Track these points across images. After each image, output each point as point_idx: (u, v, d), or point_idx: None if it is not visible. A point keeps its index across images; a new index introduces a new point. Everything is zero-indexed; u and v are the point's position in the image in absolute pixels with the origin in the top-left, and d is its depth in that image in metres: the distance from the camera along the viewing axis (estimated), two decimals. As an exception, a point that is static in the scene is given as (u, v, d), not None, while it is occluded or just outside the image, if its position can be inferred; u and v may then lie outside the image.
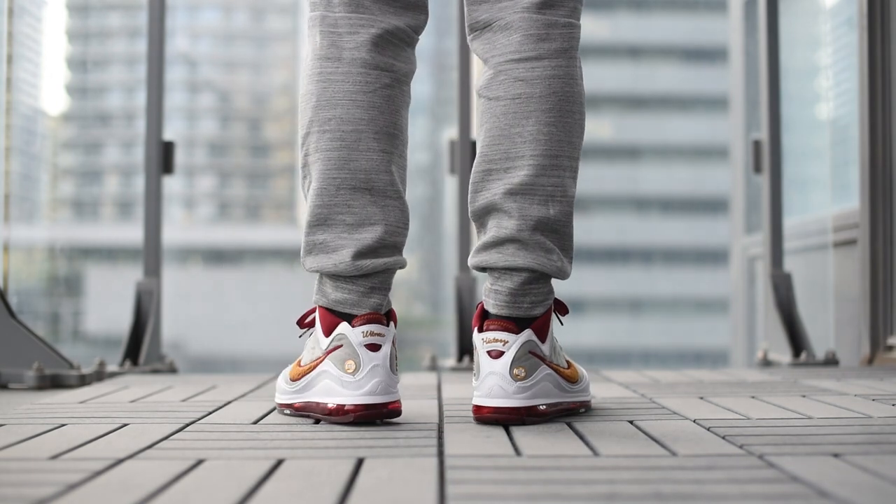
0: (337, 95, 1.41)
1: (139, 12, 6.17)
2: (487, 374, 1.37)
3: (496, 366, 1.36)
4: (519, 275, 1.39)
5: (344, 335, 1.37)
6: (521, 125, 1.39)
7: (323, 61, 1.42)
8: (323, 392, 1.39)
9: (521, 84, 1.39)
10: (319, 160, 1.41)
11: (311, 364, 1.42)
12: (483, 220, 1.43)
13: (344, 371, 1.36)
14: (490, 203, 1.41)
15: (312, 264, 1.42)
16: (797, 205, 3.83)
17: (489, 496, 0.90)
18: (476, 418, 1.39)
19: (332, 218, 1.40)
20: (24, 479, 1.01)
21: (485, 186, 1.41)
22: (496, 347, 1.37)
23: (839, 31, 3.44)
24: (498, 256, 1.40)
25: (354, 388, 1.35)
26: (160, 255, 2.76)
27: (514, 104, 1.40)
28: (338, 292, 1.40)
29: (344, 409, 1.35)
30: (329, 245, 1.40)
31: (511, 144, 1.39)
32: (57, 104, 31.32)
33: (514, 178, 1.39)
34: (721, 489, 0.93)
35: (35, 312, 6.94)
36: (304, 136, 1.44)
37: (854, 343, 2.85)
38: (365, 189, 1.40)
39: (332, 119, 1.40)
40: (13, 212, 2.77)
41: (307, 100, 1.43)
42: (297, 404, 1.45)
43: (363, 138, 1.40)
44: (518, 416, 1.36)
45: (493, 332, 1.38)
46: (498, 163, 1.40)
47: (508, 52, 1.41)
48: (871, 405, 1.57)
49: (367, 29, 1.42)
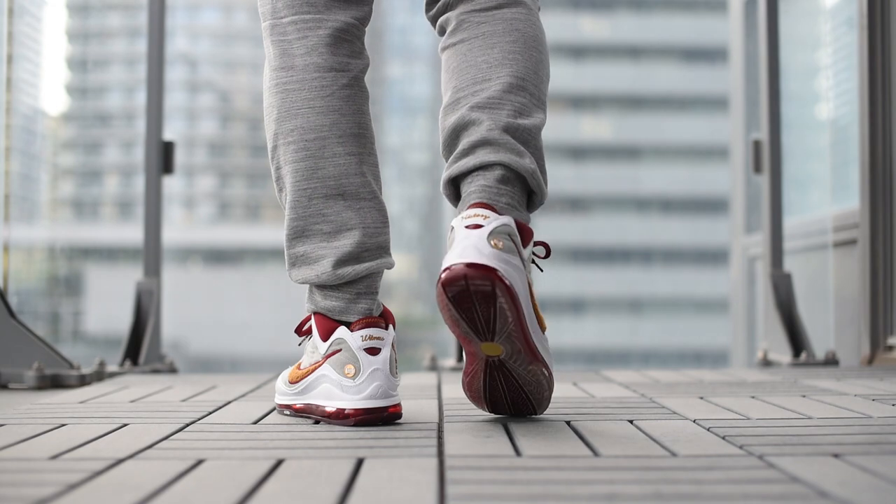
0: (296, 104, 1.40)
1: (139, 12, 6.15)
2: (461, 241, 1.28)
3: (472, 235, 1.28)
4: (491, 171, 1.35)
5: (343, 339, 1.37)
6: (487, 53, 1.40)
7: (278, 71, 1.42)
8: (323, 395, 1.39)
9: (485, 25, 1.41)
10: (289, 172, 1.41)
11: (311, 367, 1.43)
12: (453, 143, 1.40)
13: (343, 375, 1.36)
14: (459, 120, 1.38)
15: (298, 276, 1.43)
16: (797, 205, 3.83)
17: (489, 496, 0.90)
18: (443, 283, 1.26)
19: (309, 229, 1.40)
20: (24, 479, 1.01)
21: (453, 110, 1.40)
22: (476, 221, 1.30)
23: (839, 31, 3.44)
24: (469, 160, 1.36)
25: (354, 392, 1.35)
26: (160, 255, 2.77)
27: (478, 41, 1.41)
28: (327, 300, 1.41)
29: (344, 412, 1.36)
30: (310, 256, 1.41)
31: (477, 71, 1.39)
32: (57, 104, 31.30)
33: (483, 94, 1.38)
34: (721, 489, 0.93)
35: (35, 312, 6.94)
36: (273, 150, 1.44)
37: (854, 343, 2.85)
38: (337, 195, 1.39)
39: (294, 130, 1.40)
40: (13, 212, 2.77)
41: (269, 113, 1.43)
42: (297, 406, 1.46)
43: (328, 144, 1.39)
44: (488, 278, 1.24)
45: (474, 209, 1.32)
46: (466, 89, 1.40)
47: (469, 6, 1.43)
48: (871, 405, 1.57)
49: (316, 31, 1.41)
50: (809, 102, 4.13)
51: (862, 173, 2.76)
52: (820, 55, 3.87)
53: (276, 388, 1.53)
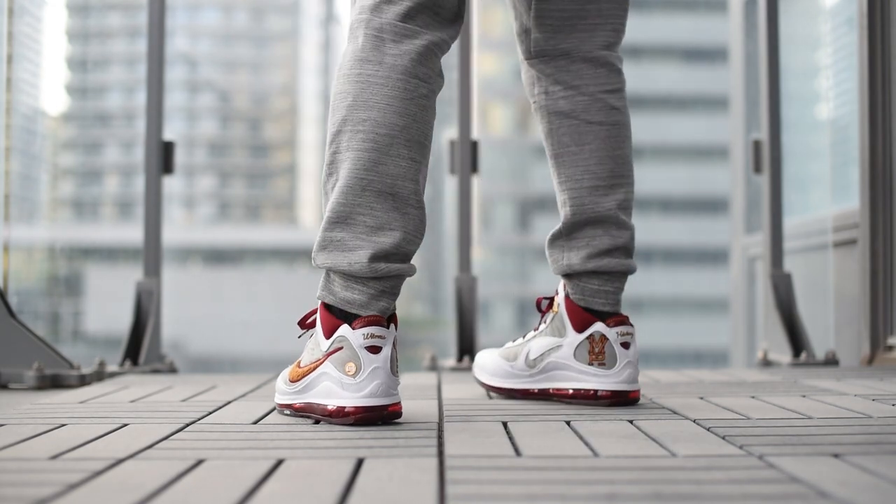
0: (374, 97, 1.41)
1: (139, 12, 6.16)
2: (626, 363, 1.59)
3: (630, 355, 1.60)
4: (625, 277, 1.65)
5: (344, 337, 1.37)
6: (621, 148, 1.64)
7: (363, 63, 1.42)
8: (323, 394, 1.39)
9: (616, 113, 1.64)
10: (349, 159, 1.41)
11: (311, 365, 1.42)
12: (582, 228, 1.64)
13: (344, 373, 1.36)
14: (601, 215, 1.63)
15: (325, 260, 1.42)
16: (797, 205, 3.83)
17: (489, 496, 0.90)
18: (612, 402, 1.58)
19: (353, 217, 1.40)
20: (24, 479, 1.01)
21: (592, 200, 1.63)
22: (627, 339, 1.60)
23: (839, 31, 3.44)
24: (616, 262, 1.63)
25: (355, 390, 1.36)
26: (160, 255, 2.76)
27: (613, 129, 1.63)
28: (347, 292, 1.41)
29: (344, 410, 1.36)
30: (346, 244, 1.40)
31: (614, 165, 1.63)
32: (57, 104, 31.32)
33: (619, 195, 1.64)
34: (721, 489, 0.93)
35: (35, 312, 6.95)
36: (335, 135, 1.43)
37: (854, 343, 2.85)
38: (389, 194, 1.40)
39: (366, 120, 1.40)
40: (13, 212, 2.77)
41: (342, 98, 1.43)
42: (298, 405, 1.46)
43: (395, 144, 1.41)
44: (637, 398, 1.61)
45: (626, 326, 1.61)
46: (604, 181, 1.63)
47: (601, 83, 1.64)
48: (871, 405, 1.57)
49: (413, 40, 1.44)
50: (809, 102, 4.13)
51: (862, 173, 2.75)
52: (820, 55, 3.87)
53: (276, 387, 1.53)
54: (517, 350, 1.70)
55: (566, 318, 1.63)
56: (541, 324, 1.69)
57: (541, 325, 1.69)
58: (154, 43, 2.77)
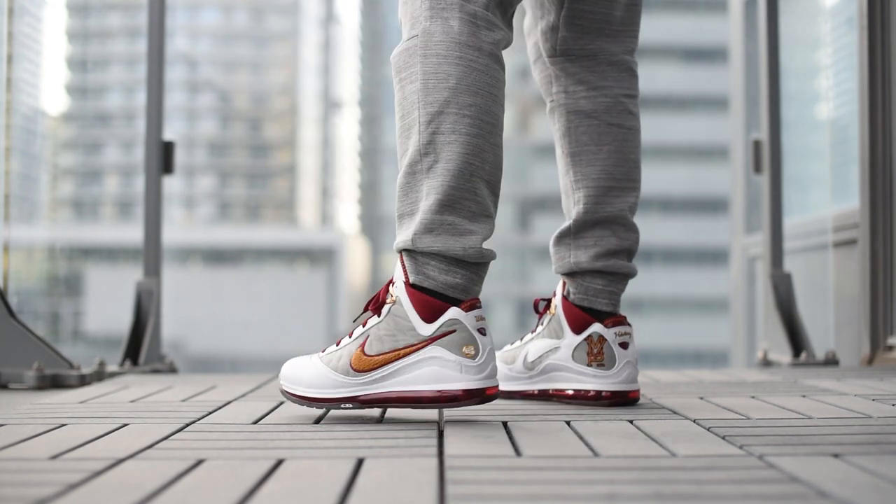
0: (478, 84, 1.42)
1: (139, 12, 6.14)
2: (625, 364, 1.60)
3: (629, 354, 1.61)
4: (627, 280, 1.66)
5: (458, 320, 1.37)
6: (634, 153, 1.68)
7: (464, 47, 1.42)
8: (428, 379, 1.36)
9: (633, 118, 1.68)
10: (456, 142, 1.40)
11: (402, 351, 1.38)
12: (592, 228, 1.65)
13: (463, 355, 1.36)
14: (613, 215, 1.65)
15: (433, 243, 1.39)
16: (797, 205, 3.83)
17: (489, 496, 0.90)
18: (612, 402, 1.58)
19: (460, 203, 1.40)
20: (24, 479, 1.01)
21: (606, 200, 1.65)
22: (626, 340, 1.61)
23: (839, 31, 3.44)
24: (622, 264, 1.65)
25: (475, 371, 1.37)
26: (160, 255, 2.76)
27: (630, 133, 1.67)
28: (450, 276, 1.40)
29: (469, 392, 1.36)
30: (457, 228, 1.40)
31: (629, 168, 1.67)
32: (57, 104, 31.32)
33: (631, 198, 1.67)
34: (721, 489, 0.93)
35: (35, 312, 6.95)
36: (436, 114, 1.41)
37: (854, 343, 2.85)
38: (487, 182, 1.42)
39: (472, 105, 1.41)
40: (13, 212, 2.77)
41: (443, 79, 1.41)
42: (368, 395, 1.40)
43: (494, 132, 1.43)
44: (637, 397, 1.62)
45: (624, 326, 1.62)
46: (619, 182, 1.66)
47: (624, 87, 1.68)
48: (871, 405, 1.57)
49: (497, 32, 1.46)
50: (809, 102, 4.13)
51: (862, 173, 2.76)
52: (820, 55, 3.87)
53: (309, 380, 1.43)
54: (515, 353, 1.70)
55: (563, 320, 1.63)
56: (538, 325, 1.69)
57: (538, 327, 1.69)
58: (154, 43, 2.77)
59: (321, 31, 48.49)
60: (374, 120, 50.67)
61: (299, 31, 47.41)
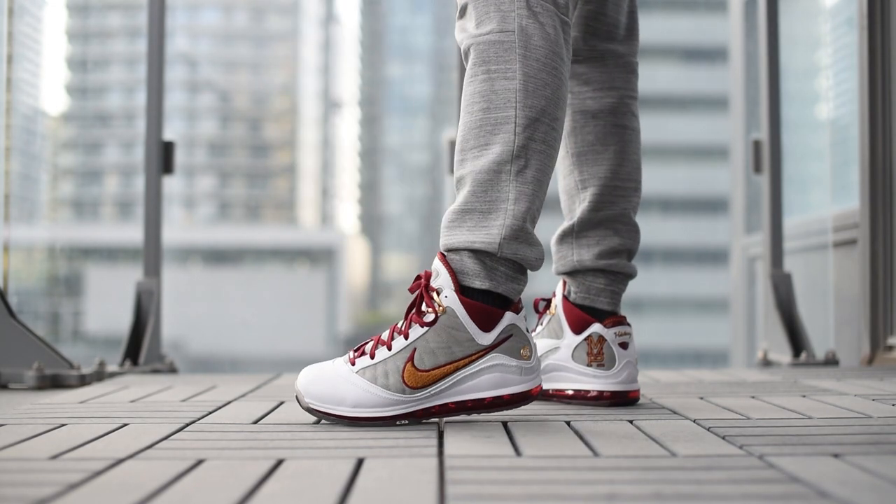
0: (563, 99, 1.44)
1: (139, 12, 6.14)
2: (625, 364, 1.60)
3: (629, 354, 1.62)
4: (628, 280, 1.67)
5: (515, 325, 1.39)
6: (637, 153, 1.70)
7: (556, 58, 1.42)
8: (489, 385, 1.37)
9: (635, 119, 1.70)
10: (545, 153, 1.41)
11: (461, 361, 1.36)
12: (596, 227, 1.66)
13: (521, 358, 1.39)
14: (616, 215, 1.66)
15: (517, 250, 1.39)
16: (797, 205, 3.83)
17: (489, 496, 0.90)
18: (613, 402, 1.58)
19: (537, 214, 1.44)
20: (24, 479, 1.01)
21: (611, 200, 1.67)
22: (626, 339, 1.62)
23: (839, 31, 3.44)
24: (624, 263, 1.66)
25: (531, 372, 1.40)
26: (160, 255, 2.76)
27: (633, 134, 1.69)
28: (516, 283, 1.41)
29: (529, 394, 1.39)
30: (532, 238, 1.42)
31: (632, 169, 1.68)
32: (57, 104, 31.32)
33: (634, 198, 1.68)
34: (721, 489, 0.93)
35: (35, 312, 6.95)
36: (533, 121, 1.39)
37: (854, 343, 2.85)
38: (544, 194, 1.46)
39: (558, 121, 1.43)
40: (13, 212, 2.77)
41: (541, 86, 1.40)
42: (427, 410, 1.37)
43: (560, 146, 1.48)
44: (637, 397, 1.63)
45: (624, 326, 1.62)
46: (623, 182, 1.67)
47: (629, 89, 1.70)
48: (871, 405, 1.57)
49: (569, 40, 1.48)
50: (809, 102, 4.13)
51: (862, 173, 2.76)
52: (820, 55, 3.87)
53: (357, 401, 1.36)
54: None
55: (563, 320, 1.64)
56: (537, 326, 1.70)
57: (538, 328, 1.69)
58: (154, 43, 2.77)
59: (321, 31, 48.49)
60: (374, 120, 50.67)
61: (299, 31, 47.41)
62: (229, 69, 46.71)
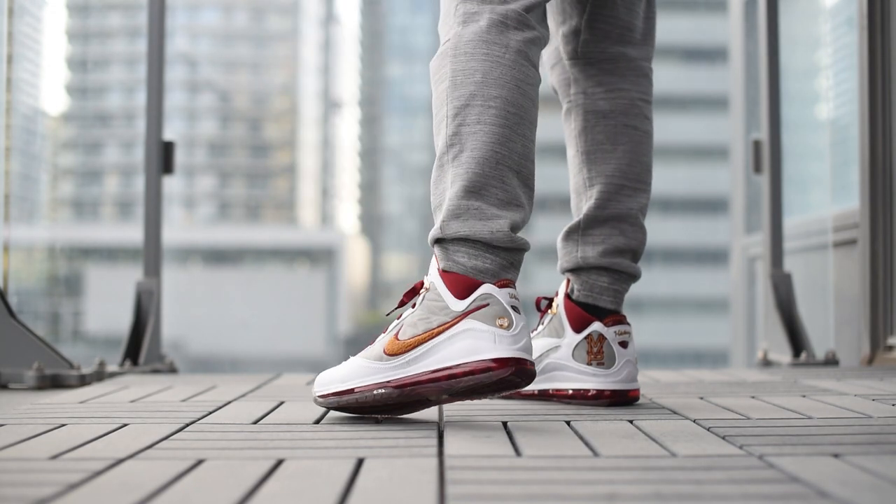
0: (504, 78, 1.43)
1: (139, 12, 6.13)
2: (624, 363, 1.60)
3: (629, 353, 1.62)
4: (632, 281, 1.68)
5: (491, 294, 1.36)
6: (647, 156, 1.71)
7: (490, 44, 1.45)
8: (464, 352, 1.34)
9: (648, 122, 1.72)
10: (481, 132, 1.42)
11: (435, 330, 1.37)
12: (602, 225, 1.67)
13: (497, 326, 1.34)
14: (623, 214, 1.67)
15: (460, 228, 1.40)
16: (797, 205, 3.83)
17: (489, 496, 0.90)
18: (612, 401, 1.58)
19: (487, 189, 1.41)
20: (24, 479, 1.01)
21: (617, 198, 1.68)
22: (625, 339, 1.62)
23: (839, 31, 3.44)
24: (628, 263, 1.66)
25: (511, 342, 1.34)
26: (160, 255, 2.76)
27: (644, 136, 1.71)
28: (477, 261, 1.40)
29: (505, 361, 1.32)
30: (484, 213, 1.40)
31: (641, 169, 1.70)
32: (57, 104, 31.31)
33: (642, 199, 1.69)
34: (721, 489, 0.93)
35: (35, 312, 6.95)
36: (462, 108, 1.43)
37: (854, 343, 2.85)
38: (516, 171, 1.43)
39: (498, 97, 1.42)
40: (13, 212, 2.77)
41: (469, 75, 1.44)
42: (400, 379, 1.37)
43: (522, 123, 1.44)
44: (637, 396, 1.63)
45: (623, 325, 1.63)
46: (631, 182, 1.68)
47: (641, 92, 1.72)
48: (871, 405, 1.57)
49: (532, 31, 1.48)
50: (809, 102, 4.13)
51: (862, 173, 2.75)
52: (820, 55, 3.87)
53: (344, 376, 1.41)
54: None
55: (565, 319, 1.64)
56: (539, 325, 1.70)
57: (539, 327, 1.69)
58: (154, 43, 2.77)
59: (321, 31, 48.49)
60: (374, 120, 50.68)
61: (299, 31, 47.42)
62: (229, 69, 46.72)
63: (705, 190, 36.41)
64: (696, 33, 36.37)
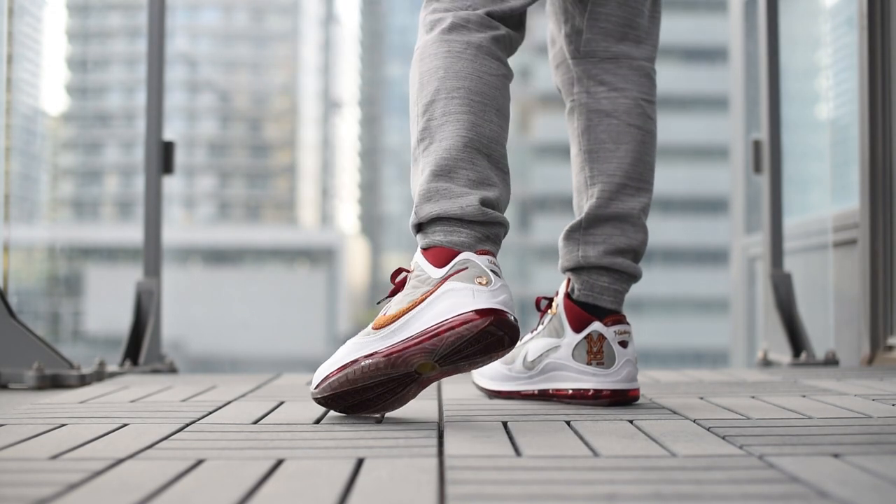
0: (465, 70, 1.47)
1: (139, 12, 6.16)
2: (624, 362, 1.60)
3: (629, 353, 1.62)
4: (632, 281, 1.68)
5: (469, 259, 1.38)
6: (650, 155, 1.73)
7: (451, 42, 1.49)
8: (445, 311, 1.34)
9: (651, 122, 1.74)
10: (447, 122, 1.45)
11: (418, 299, 1.38)
12: (603, 224, 1.67)
13: (475, 283, 1.35)
14: (624, 213, 1.67)
15: (432, 208, 1.42)
16: (797, 205, 3.83)
17: (489, 496, 0.90)
18: (612, 401, 1.58)
19: (456, 171, 1.43)
20: (24, 479, 1.01)
21: (619, 198, 1.68)
22: (625, 338, 1.62)
23: (839, 31, 3.44)
24: (629, 263, 1.67)
25: (489, 296, 1.33)
26: (160, 255, 2.76)
27: (647, 136, 1.73)
28: (453, 236, 1.41)
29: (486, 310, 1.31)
30: (453, 192, 1.42)
31: (644, 169, 1.71)
32: (57, 104, 31.32)
33: (643, 199, 1.70)
34: (721, 489, 0.93)
35: (35, 312, 6.94)
36: (428, 105, 1.47)
37: (854, 343, 2.85)
38: (486, 154, 1.45)
39: (460, 88, 1.46)
40: (13, 212, 2.77)
41: (433, 73, 1.48)
42: (388, 348, 1.38)
43: (487, 110, 1.46)
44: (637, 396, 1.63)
45: (623, 325, 1.62)
46: (633, 181, 1.69)
47: (643, 92, 1.74)
48: (871, 405, 1.57)
49: (496, 31, 1.52)
50: (809, 102, 4.13)
51: (862, 173, 2.75)
52: (820, 55, 3.87)
53: (336, 359, 1.42)
54: (515, 353, 1.70)
55: (564, 318, 1.64)
56: (538, 325, 1.70)
57: (538, 327, 1.69)
58: (154, 43, 2.77)
59: (321, 31, 48.49)
60: (374, 120, 50.67)
61: (299, 31, 47.41)
62: (229, 69, 46.71)
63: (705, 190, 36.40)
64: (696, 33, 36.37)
